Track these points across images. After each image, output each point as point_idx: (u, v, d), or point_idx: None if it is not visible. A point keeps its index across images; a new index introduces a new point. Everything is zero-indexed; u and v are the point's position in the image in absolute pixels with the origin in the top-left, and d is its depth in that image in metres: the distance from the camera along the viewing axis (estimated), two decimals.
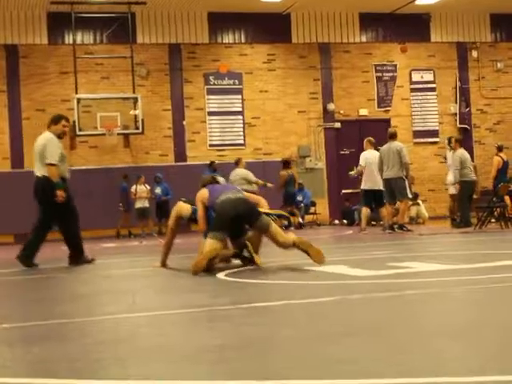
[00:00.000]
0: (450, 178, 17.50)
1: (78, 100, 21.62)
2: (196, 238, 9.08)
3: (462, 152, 16.39)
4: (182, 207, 8.84)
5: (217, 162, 21.90)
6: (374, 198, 16.34)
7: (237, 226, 8.21)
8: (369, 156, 16.48)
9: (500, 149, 18.44)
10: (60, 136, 10.39)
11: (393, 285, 6.03)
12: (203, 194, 8.50)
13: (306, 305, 5.13)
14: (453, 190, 18.54)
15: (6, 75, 22.74)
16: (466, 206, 16.28)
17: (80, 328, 4.66)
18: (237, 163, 19.23)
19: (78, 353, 3.74)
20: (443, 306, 4.88)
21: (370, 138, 17.04)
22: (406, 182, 15.87)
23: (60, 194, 10.04)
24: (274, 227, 8.12)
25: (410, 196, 16.49)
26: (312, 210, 23.35)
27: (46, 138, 10.38)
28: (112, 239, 20.28)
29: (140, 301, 6.07)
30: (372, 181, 16.22)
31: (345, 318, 4.51)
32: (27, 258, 10.08)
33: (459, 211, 16.55)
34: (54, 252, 14.87)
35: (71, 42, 22.50)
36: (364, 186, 16.46)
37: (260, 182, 18.92)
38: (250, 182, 18.46)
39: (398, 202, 15.93)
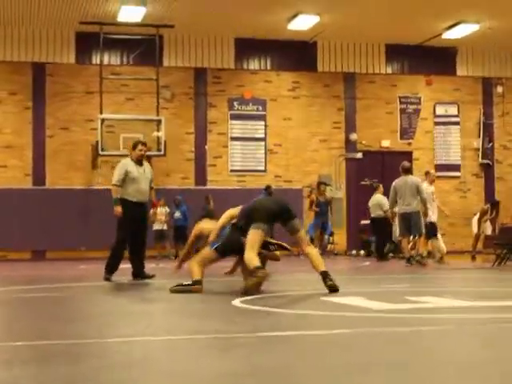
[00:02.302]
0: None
1: (102, 120, 21.77)
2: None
3: None
4: (209, 223, 9.10)
5: (239, 187, 22.05)
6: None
7: (270, 222, 8.45)
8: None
9: None
10: (139, 159, 11.31)
11: (409, 319, 6.00)
12: (236, 210, 8.80)
13: (322, 336, 5.11)
14: (476, 229, 18.46)
15: (32, 92, 22.95)
16: None
17: (93, 349, 4.67)
18: (375, 189, 19.78)
19: (90, 374, 3.75)
20: (460, 344, 4.85)
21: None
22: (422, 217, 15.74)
23: (115, 209, 10.92)
24: (304, 233, 8.77)
25: (423, 231, 16.11)
26: (330, 239, 23.28)
27: (119, 162, 11.61)
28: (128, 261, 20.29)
29: (154, 324, 6.08)
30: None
31: (362, 351, 4.48)
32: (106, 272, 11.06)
33: None
34: (72, 271, 14.95)
35: (98, 62, 22.70)
36: None
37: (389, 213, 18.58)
38: (382, 209, 18.78)
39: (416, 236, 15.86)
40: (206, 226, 9.06)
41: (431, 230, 16.34)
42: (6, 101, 22.89)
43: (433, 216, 16.37)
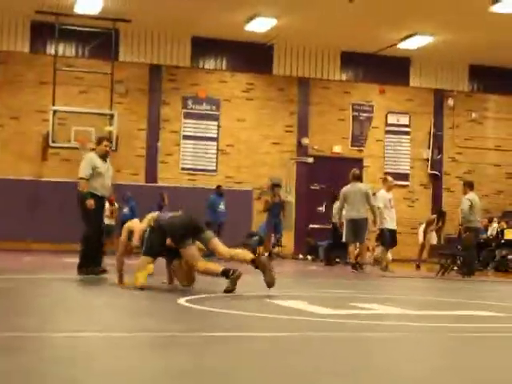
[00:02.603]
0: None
1: (54, 112, 21.53)
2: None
3: (471, 196, 15.87)
4: (136, 222, 9.35)
5: (190, 186, 22.11)
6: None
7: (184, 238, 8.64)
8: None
9: None
10: (103, 155, 11.25)
11: (352, 325, 6.05)
12: (153, 214, 9.12)
13: (264, 339, 5.13)
14: (421, 238, 18.68)
15: None
16: (473, 253, 16.08)
17: (35, 343, 4.61)
18: (336, 196, 18.91)
19: (30, 369, 3.69)
20: (402, 352, 4.90)
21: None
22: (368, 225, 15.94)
23: (88, 203, 10.77)
24: (216, 240, 8.88)
25: (365, 240, 16.37)
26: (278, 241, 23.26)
27: (85, 156, 11.45)
28: (78, 253, 20.09)
29: (98, 319, 6.03)
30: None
31: (304, 356, 4.49)
32: (83, 268, 10.81)
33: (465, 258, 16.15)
34: (18, 262, 14.75)
35: (53, 52, 22.44)
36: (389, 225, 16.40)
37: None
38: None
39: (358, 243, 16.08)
40: (136, 225, 9.24)
41: (389, 238, 16.38)
42: None
43: (391, 223, 16.42)
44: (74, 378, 3.53)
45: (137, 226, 9.16)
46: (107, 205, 11.57)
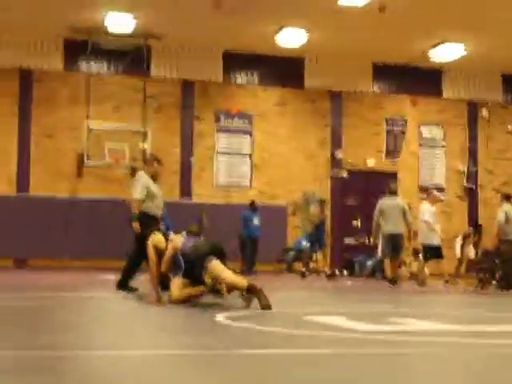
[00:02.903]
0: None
1: (88, 129, 21.68)
2: None
3: (506, 208, 15.71)
4: (159, 238, 9.33)
5: (225, 202, 22.18)
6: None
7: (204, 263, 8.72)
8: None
9: None
10: (153, 175, 11.56)
11: (392, 342, 5.98)
12: (177, 241, 9.09)
13: (303, 356, 5.07)
14: (459, 253, 18.43)
15: (18, 99, 22.79)
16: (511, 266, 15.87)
17: (71, 362, 4.60)
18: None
19: None
20: (438, 368, 4.82)
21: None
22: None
23: (134, 225, 10.91)
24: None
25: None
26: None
27: (137, 177, 11.68)
28: (113, 271, 20.16)
29: (135, 338, 6.01)
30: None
31: (344, 374, 4.43)
32: (121, 285, 11.05)
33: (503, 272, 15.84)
34: (55, 279, 14.84)
35: (86, 70, 22.62)
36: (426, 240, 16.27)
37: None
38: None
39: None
40: (161, 244, 9.28)
41: (434, 253, 16.19)
42: None
43: (436, 238, 16.26)
44: None
45: (161, 246, 9.21)
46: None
